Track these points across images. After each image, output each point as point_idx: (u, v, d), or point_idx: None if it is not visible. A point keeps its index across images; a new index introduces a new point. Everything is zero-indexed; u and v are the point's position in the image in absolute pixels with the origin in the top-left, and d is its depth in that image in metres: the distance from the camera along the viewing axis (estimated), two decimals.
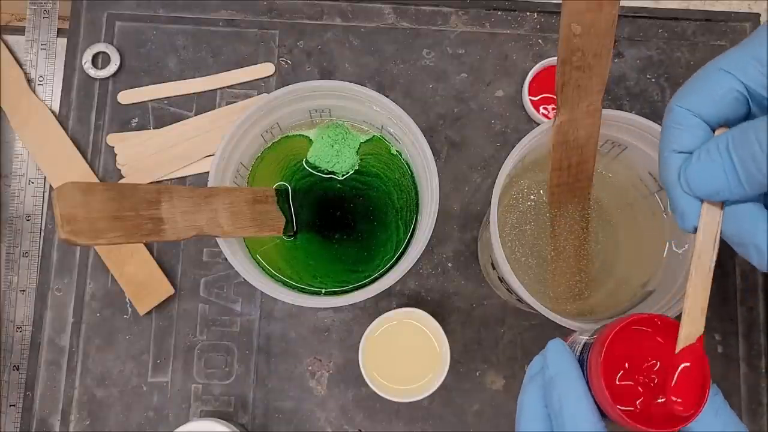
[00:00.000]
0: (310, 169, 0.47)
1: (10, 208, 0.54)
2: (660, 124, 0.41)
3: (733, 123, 0.30)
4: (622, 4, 0.36)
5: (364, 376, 0.46)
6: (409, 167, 0.47)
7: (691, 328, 0.30)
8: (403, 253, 0.46)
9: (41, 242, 0.54)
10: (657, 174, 0.44)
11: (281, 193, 0.46)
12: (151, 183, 0.54)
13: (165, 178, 0.54)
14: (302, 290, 0.45)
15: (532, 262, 0.45)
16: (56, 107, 0.56)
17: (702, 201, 0.30)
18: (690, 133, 0.30)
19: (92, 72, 0.55)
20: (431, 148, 0.42)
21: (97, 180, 0.54)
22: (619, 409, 0.29)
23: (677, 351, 0.30)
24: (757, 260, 0.29)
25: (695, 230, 0.30)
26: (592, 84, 0.38)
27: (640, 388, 0.30)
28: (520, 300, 0.41)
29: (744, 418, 0.51)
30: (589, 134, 0.41)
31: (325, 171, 0.47)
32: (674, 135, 0.30)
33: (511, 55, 0.56)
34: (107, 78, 0.55)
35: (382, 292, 0.41)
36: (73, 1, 0.56)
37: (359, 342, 0.47)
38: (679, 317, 0.39)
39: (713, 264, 0.30)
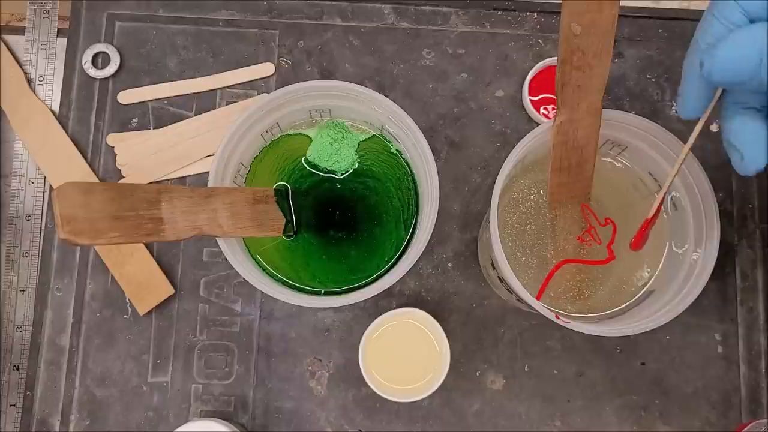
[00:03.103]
0: (308, 168, 0.47)
1: (10, 208, 0.54)
2: (659, 125, 0.41)
3: None
4: (622, 4, 0.36)
5: (364, 376, 0.46)
6: (408, 167, 0.47)
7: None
8: (403, 253, 0.46)
9: (41, 242, 0.54)
10: (657, 174, 0.44)
11: (281, 192, 0.46)
12: (151, 183, 0.54)
13: (165, 178, 0.54)
14: (302, 290, 0.45)
15: (532, 262, 0.45)
16: (56, 107, 0.56)
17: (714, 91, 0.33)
18: (726, 27, 0.30)
19: (92, 72, 0.55)
20: (431, 148, 0.42)
21: (97, 180, 0.54)
22: None
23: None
24: (738, 165, 0.33)
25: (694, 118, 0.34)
26: (592, 84, 0.38)
27: None
28: (520, 300, 0.41)
29: (744, 418, 0.51)
30: (589, 134, 0.41)
31: (324, 170, 0.47)
32: (712, 26, 0.31)
33: (511, 55, 0.56)
34: (107, 78, 0.55)
35: (382, 292, 0.41)
36: (73, 1, 0.56)
37: (359, 342, 0.47)
38: (679, 318, 0.39)
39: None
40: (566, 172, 0.43)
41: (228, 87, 0.56)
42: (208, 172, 0.45)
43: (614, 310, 0.45)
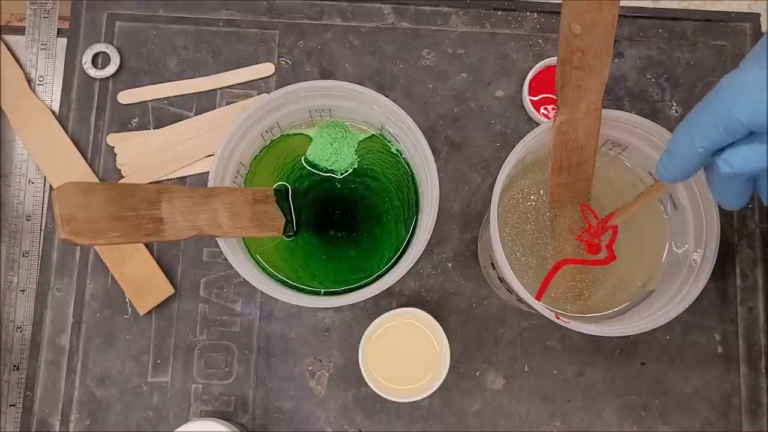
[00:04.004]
0: (308, 168, 0.47)
1: (10, 208, 0.54)
2: (659, 125, 0.41)
3: None
4: (622, 4, 0.36)
5: (364, 376, 0.46)
6: (408, 167, 0.47)
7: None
8: (403, 253, 0.46)
9: (41, 242, 0.54)
10: (657, 174, 0.44)
11: (281, 192, 0.46)
12: (151, 183, 0.54)
13: (165, 178, 0.54)
14: (302, 290, 0.45)
15: (532, 262, 0.45)
16: (56, 107, 0.56)
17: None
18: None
19: (92, 72, 0.55)
20: (431, 148, 0.42)
21: (97, 180, 0.54)
22: None
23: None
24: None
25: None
26: (592, 84, 0.38)
27: None
28: (520, 300, 0.41)
29: (744, 418, 0.51)
30: (589, 134, 0.41)
31: (324, 169, 0.47)
32: (711, 134, 0.32)
33: (511, 55, 0.56)
34: (107, 78, 0.55)
35: (382, 292, 0.41)
36: (73, 1, 0.56)
37: (359, 342, 0.47)
38: (679, 318, 0.39)
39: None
40: (566, 171, 0.43)
41: (228, 87, 0.56)
42: (208, 172, 0.45)
43: (614, 310, 0.45)
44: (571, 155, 0.42)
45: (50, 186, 0.54)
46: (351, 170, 0.47)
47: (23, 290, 0.53)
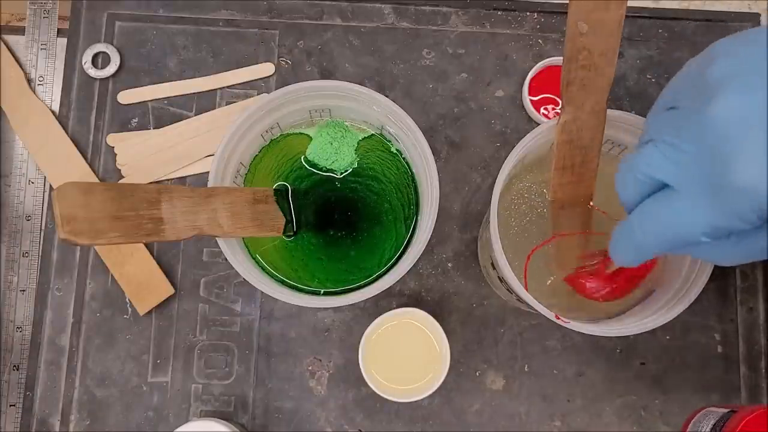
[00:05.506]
0: (308, 167, 0.47)
1: (10, 208, 0.54)
2: None
3: None
4: None
5: (364, 376, 0.46)
6: (408, 167, 0.47)
7: None
8: (403, 253, 0.46)
9: (41, 242, 0.54)
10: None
11: (281, 192, 0.46)
12: (151, 183, 0.54)
13: (165, 178, 0.54)
14: (302, 290, 0.45)
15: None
16: (56, 107, 0.56)
17: None
18: None
19: (92, 72, 0.55)
20: (431, 148, 0.42)
21: (97, 180, 0.54)
22: None
23: None
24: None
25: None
26: (598, 83, 0.38)
27: None
28: (520, 300, 0.41)
29: None
30: (593, 135, 0.41)
31: (324, 169, 0.47)
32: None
33: (511, 55, 0.56)
34: (107, 78, 0.55)
35: (382, 292, 0.41)
36: (73, 1, 0.56)
37: (359, 342, 0.47)
38: (679, 318, 0.39)
39: None
40: (569, 171, 0.43)
41: (228, 87, 0.56)
42: (208, 172, 0.45)
43: (614, 310, 0.45)
44: (575, 154, 0.42)
45: (50, 186, 0.54)
46: (351, 170, 0.47)
47: (23, 290, 0.53)
